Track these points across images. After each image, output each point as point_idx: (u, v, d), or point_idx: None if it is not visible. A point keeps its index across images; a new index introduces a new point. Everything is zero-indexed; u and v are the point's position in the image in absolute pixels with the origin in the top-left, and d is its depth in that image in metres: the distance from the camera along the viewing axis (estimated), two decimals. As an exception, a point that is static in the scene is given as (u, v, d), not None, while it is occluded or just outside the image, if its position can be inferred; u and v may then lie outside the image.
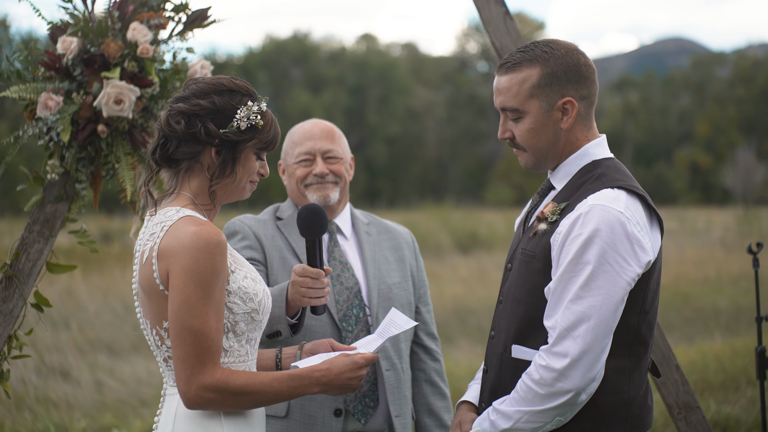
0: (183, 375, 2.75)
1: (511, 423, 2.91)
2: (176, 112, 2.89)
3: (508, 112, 3.08)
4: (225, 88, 2.92)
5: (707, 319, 12.95)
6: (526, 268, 3.03)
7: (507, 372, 3.03)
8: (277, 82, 53.67)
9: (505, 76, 3.07)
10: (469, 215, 31.53)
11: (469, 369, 10.14)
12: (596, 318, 2.83)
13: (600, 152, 3.08)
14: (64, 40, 3.97)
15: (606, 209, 2.88)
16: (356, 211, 4.05)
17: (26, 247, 4.05)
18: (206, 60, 4.15)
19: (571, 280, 2.87)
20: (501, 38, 4.21)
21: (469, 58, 63.18)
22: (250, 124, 2.89)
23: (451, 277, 18.20)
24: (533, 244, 3.03)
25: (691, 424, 4.08)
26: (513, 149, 3.15)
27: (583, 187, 3.01)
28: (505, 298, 3.11)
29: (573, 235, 2.90)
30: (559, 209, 3.00)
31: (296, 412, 3.70)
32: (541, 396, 2.87)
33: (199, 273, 2.73)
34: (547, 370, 2.86)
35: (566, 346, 2.84)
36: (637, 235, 2.88)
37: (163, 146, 2.91)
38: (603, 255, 2.84)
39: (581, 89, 3.04)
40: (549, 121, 3.04)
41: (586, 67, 3.06)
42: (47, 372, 10.12)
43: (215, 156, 2.89)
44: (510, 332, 3.04)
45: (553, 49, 3.05)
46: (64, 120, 3.89)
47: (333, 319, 3.75)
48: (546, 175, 3.21)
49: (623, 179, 3.00)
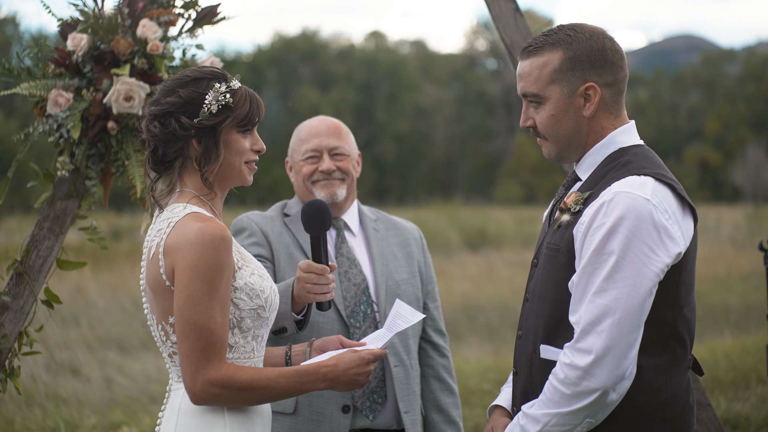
0: (189, 370, 2.76)
1: (539, 427, 2.78)
2: (151, 116, 2.93)
3: (529, 98, 2.97)
4: (189, 79, 2.92)
5: (717, 316, 12.91)
6: (551, 263, 2.90)
7: (537, 374, 2.91)
8: (286, 79, 53.71)
9: (526, 61, 2.97)
10: (478, 213, 31.51)
11: (478, 366, 10.14)
12: (621, 311, 2.70)
13: (627, 139, 2.94)
14: (74, 37, 3.97)
15: (631, 196, 2.74)
16: (364, 208, 4.06)
17: (36, 244, 4.06)
18: (216, 57, 4.15)
19: (594, 272, 2.74)
20: (511, 35, 4.20)
21: (478, 56, 63.11)
22: (221, 105, 2.89)
23: (460, 274, 18.19)
24: (557, 237, 2.90)
25: (702, 422, 4.06)
26: (537, 139, 3.03)
27: (608, 175, 2.87)
28: (531, 296, 2.98)
29: (596, 225, 2.77)
30: (582, 198, 2.87)
31: (304, 409, 3.70)
32: (568, 396, 2.74)
33: (203, 268, 2.74)
34: (572, 368, 2.73)
35: (590, 342, 2.71)
36: (665, 224, 2.74)
37: (153, 153, 2.94)
38: (628, 244, 2.71)
39: (606, 75, 2.91)
40: (570, 107, 2.91)
41: (613, 52, 2.93)
42: (57, 369, 10.15)
43: (197, 145, 2.90)
44: (538, 332, 2.91)
45: (577, 32, 2.92)
46: (74, 117, 3.90)
47: (341, 316, 3.75)
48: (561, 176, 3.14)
49: (651, 167, 2.85)
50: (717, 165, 48.41)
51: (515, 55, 4.19)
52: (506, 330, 12.82)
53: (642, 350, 2.78)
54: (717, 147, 49.31)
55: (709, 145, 49.64)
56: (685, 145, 50.61)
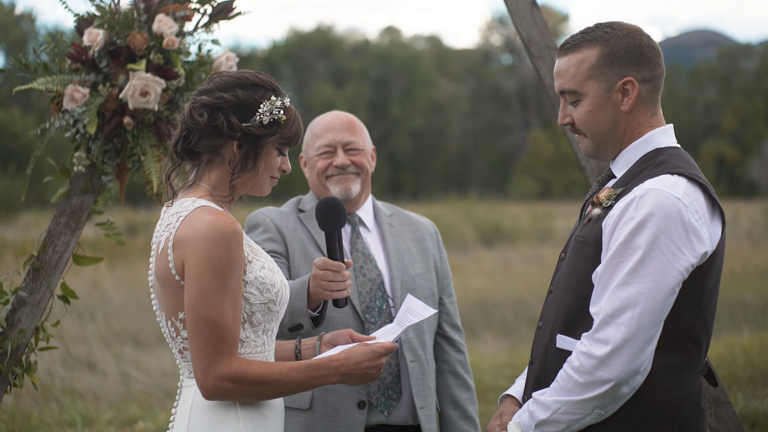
0: (200, 366, 2.75)
1: (548, 413, 2.80)
2: (199, 104, 2.90)
3: (567, 95, 2.98)
4: (249, 82, 2.91)
5: (735, 312, 12.84)
6: (578, 254, 2.92)
7: (551, 363, 2.92)
8: (301, 75, 53.75)
9: (564, 58, 2.98)
10: (493, 208, 31.42)
11: (494, 362, 10.11)
12: (642, 306, 2.71)
13: (665, 140, 2.96)
14: (91, 32, 3.97)
15: (662, 194, 2.76)
16: (378, 203, 4.04)
17: (53, 239, 4.07)
18: (231, 52, 4.14)
19: (619, 265, 2.76)
20: (528, 29, 4.18)
21: (493, 51, 62.99)
22: (273, 118, 2.89)
23: (475, 270, 18.15)
24: (586, 230, 2.92)
25: (722, 419, 4.03)
26: (575, 135, 3.04)
27: (642, 173, 2.88)
28: (555, 288, 3.00)
29: (625, 219, 2.78)
30: (614, 194, 2.88)
31: (320, 405, 3.70)
32: (580, 385, 2.75)
33: (214, 262, 2.73)
34: (588, 357, 2.74)
35: (608, 333, 2.72)
36: (694, 224, 2.76)
37: (185, 139, 2.92)
38: (655, 241, 2.72)
39: (643, 71, 2.92)
40: (608, 102, 2.92)
41: (650, 48, 2.94)
42: (73, 363, 10.19)
43: (237, 150, 2.89)
44: (557, 322, 2.93)
45: (614, 29, 2.94)
46: (91, 112, 3.90)
47: (356, 311, 3.74)
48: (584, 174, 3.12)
49: (685, 167, 2.86)
50: (734, 160, 48.16)
51: (532, 50, 4.17)
52: (522, 326, 12.78)
53: (657, 348, 2.79)
54: (733, 142, 49.05)
55: (725, 140, 49.39)
56: (702, 140, 50.38)
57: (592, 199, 2.97)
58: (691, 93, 53.77)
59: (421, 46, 62.39)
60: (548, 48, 4.16)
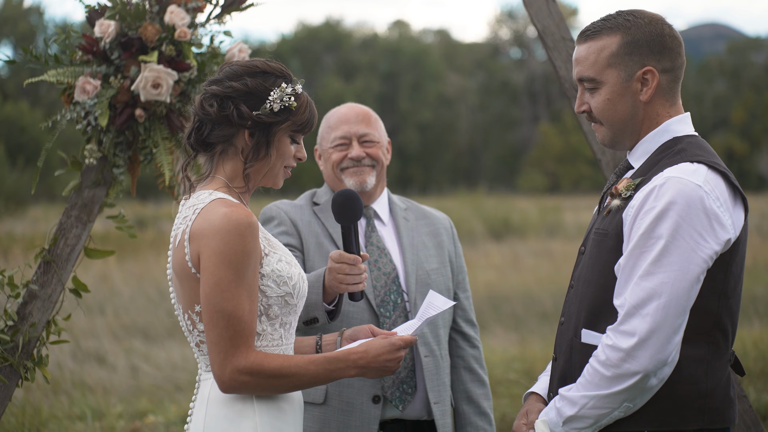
0: (217, 359, 2.73)
1: (576, 409, 2.77)
2: (209, 95, 2.88)
3: (585, 83, 2.94)
4: (258, 70, 2.89)
5: (745, 306, 12.78)
6: (598, 247, 2.88)
7: (576, 358, 2.88)
8: (310, 68, 53.70)
9: (583, 45, 2.94)
10: (502, 202, 31.39)
11: (504, 356, 10.09)
12: (667, 295, 2.67)
13: (682, 129, 2.92)
14: (102, 24, 3.95)
15: (683, 182, 2.72)
16: (394, 197, 4.01)
17: (64, 233, 4.05)
18: (244, 44, 4.11)
19: (641, 256, 2.72)
20: (543, 20, 4.15)
21: (502, 45, 62.89)
22: (284, 105, 2.86)
23: (484, 264, 18.11)
24: (606, 222, 2.88)
25: (738, 414, 4.00)
26: (592, 124, 3.01)
27: (661, 162, 2.84)
28: (576, 282, 2.96)
29: (646, 208, 2.74)
30: (633, 184, 2.85)
31: (334, 399, 3.67)
32: (608, 378, 2.71)
33: (230, 255, 2.71)
34: (614, 350, 2.70)
35: (634, 325, 2.69)
36: (716, 211, 2.72)
37: (198, 130, 2.90)
38: (677, 229, 2.68)
39: (663, 61, 2.89)
40: (627, 92, 2.88)
41: (671, 38, 2.91)
42: (83, 357, 10.19)
43: (249, 138, 2.87)
44: (581, 316, 2.89)
45: (636, 17, 2.90)
46: (102, 104, 3.88)
47: (371, 305, 3.71)
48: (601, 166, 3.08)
49: (704, 155, 2.82)
50: (743, 154, 48.03)
51: (547, 41, 4.14)
52: (531, 320, 12.75)
53: (685, 339, 2.75)
54: (743, 136, 48.93)
55: (734, 134, 49.27)
56: (711, 134, 50.25)
57: (611, 191, 2.94)
58: (700, 87, 53.60)
59: (429, 40, 62.32)
60: (563, 39, 4.13)
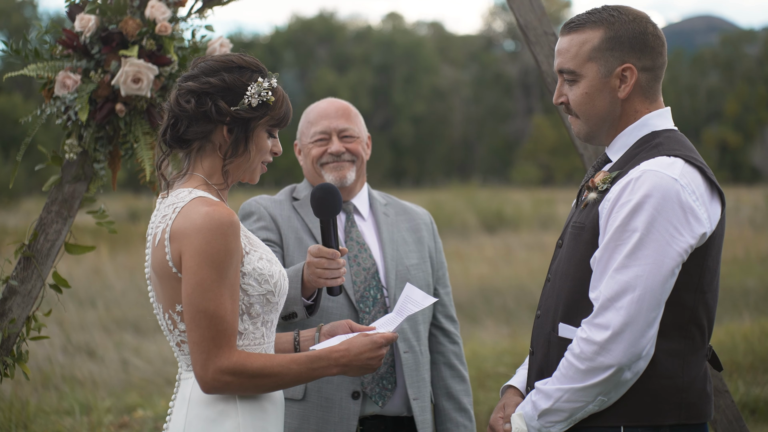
0: (199, 359, 2.71)
1: (551, 402, 2.78)
2: (186, 91, 2.85)
3: (565, 75, 2.94)
4: (234, 65, 2.86)
5: (736, 299, 12.80)
6: (575, 240, 2.88)
7: (554, 352, 2.89)
8: (303, 61, 53.66)
9: (566, 37, 2.94)
10: (495, 194, 31.40)
11: (494, 349, 10.09)
12: (641, 289, 2.68)
13: (661, 123, 2.92)
14: (82, 18, 3.93)
15: (659, 175, 2.73)
16: (374, 192, 4.00)
17: (44, 228, 4.03)
18: (226, 38, 4.09)
19: (617, 249, 2.72)
20: (525, 15, 4.13)
21: (496, 37, 62.88)
22: (261, 100, 2.84)
23: (477, 256, 18.13)
24: (583, 215, 2.89)
25: (720, 409, 4.01)
26: (568, 116, 3.02)
27: (638, 156, 2.85)
28: (553, 276, 2.96)
29: (622, 201, 2.75)
30: (610, 177, 2.86)
31: (313, 395, 3.67)
32: (582, 371, 2.72)
33: (212, 254, 2.69)
34: (588, 343, 2.71)
35: (608, 318, 2.69)
36: (692, 205, 2.72)
37: (173, 127, 2.86)
38: (652, 222, 2.69)
39: (644, 59, 2.89)
40: (605, 87, 2.89)
41: (654, 37, 2.91)
42: (73, 351, 10.16)
43: (227, 134, 2.84)
44: (558, 310, 2.89)
45: (621, 13, 2.91)
46: (82, 99, 3.86)
47: (350, 301, 3.71)
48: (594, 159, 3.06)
49: (682, 149, 2.83)
50: (736, 146, 48.08)
51: (529, 36, 4.12)
52: (523, 313, 12.76)
53: (660, 334, 2.76)
54: (736, 128, 48.96)
55: (728, 126, 49.30)
56: (704, 126, 50.30)
57: (588, 184, 2.94)
58: (693, 79, 53.65)
59: (423, 32, 62.30)
60: (546, 34, 4.11)
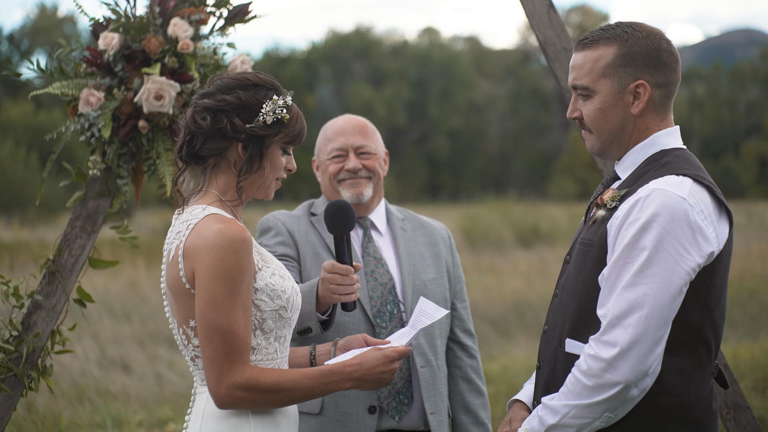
0: (213, 375, 2.74)
1: (557, 418, 2.79)
2: (201, 108, 2.88)
3: (579, 90, 2.96)
4: (250, 83, 2.90)
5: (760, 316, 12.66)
6: (583, 257, 2.90)
7: (561, 367, 2.90)
8: (339, 76, 53.88)
9: (580, 53, 2.96)
10: (532, 209, 31.26)
11: (526, 365, 10.03)
12: (650, 307, 2.69)
13: (670, 142, 2.94)
14: (106, 36, 3.99)
15: (667, 194, 2.74)
16: (391, 207, 4.02)
17: (69, 243, 4.09)
18: (246, 56, 4.14)
19: (625, 267, 2.74)
20: (545, 32, 4.15)
21: (532, 51, 62.70)
22: (276, 118, 2.87)
23: (512, 271, 18.06)
24: (591, 232, 2.90)
25: (741, 425, 3.97)
26: (581, 131, 3.03)
27: (647, 174, 2.86)
28: (561, 291, 2.98)
29: (630, 220, 2.76)
30: (619, 195, 2.87)
31: (330, 409, 3.68)
32: (589, 388, 2.73)
33: (224, 271, 2.72)
34: (595, 360, 2.72)
35: (616, 335, 2.70)
36: (700, 224, 2.74)
37: (189, 143, 2.90)
38: (660, 241, 2.70)
39: (658, 75, 2.90)
40: (619, 103, 2.90)
41: (668, 54, 2.92)
42: (108, 364, 10.25)
43: (242, 151, 2.88)
44: (565, 326, 2.91)
45: (635, 30, 2.92)
46: (105, 116, 3.92)
47: (367, 315, 3.72)
48: None
49: (690, 168, 2.84)
50: (776, 160, 47.53)
51: (549, 52, 4.14)
52: (556, 328, 12.66)
53: (667, 351, 2.77)
54: (776, 142, 48.41)
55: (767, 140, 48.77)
56: (744, 140, 49.78)
57: (597, 201, 2.95)
58: (733, 92, 53.12)
59: (459, 47, 62.33)
60: (565, 50, 4.12)
